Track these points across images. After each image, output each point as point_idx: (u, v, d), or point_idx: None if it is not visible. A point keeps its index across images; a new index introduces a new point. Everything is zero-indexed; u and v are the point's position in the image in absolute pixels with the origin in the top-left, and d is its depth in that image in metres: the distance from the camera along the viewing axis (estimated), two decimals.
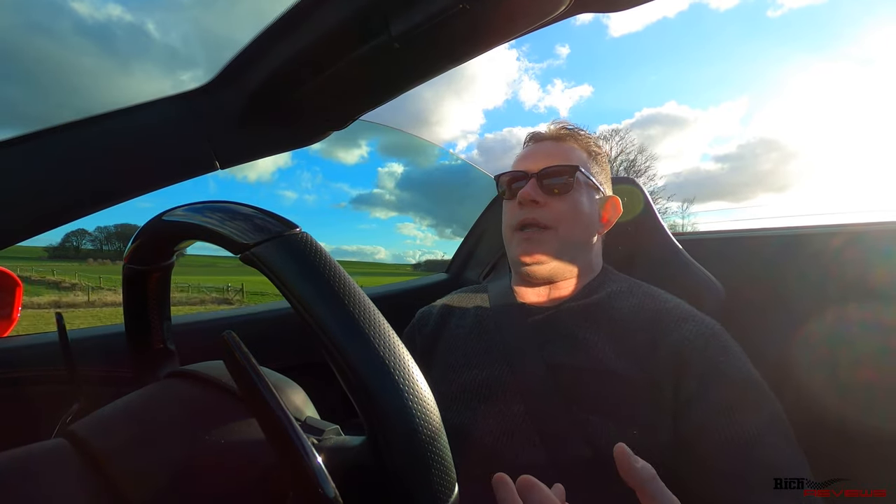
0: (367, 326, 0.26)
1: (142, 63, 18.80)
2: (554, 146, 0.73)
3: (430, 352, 0.74)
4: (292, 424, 0.25)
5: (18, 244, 0.53)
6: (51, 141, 0.54)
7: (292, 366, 0.83)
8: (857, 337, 0.76)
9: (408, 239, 19.18)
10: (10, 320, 0.74)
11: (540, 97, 14.75)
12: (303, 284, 0.27)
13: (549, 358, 0.62)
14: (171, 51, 18.30)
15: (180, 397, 0.33)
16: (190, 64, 17.18)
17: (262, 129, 0.68)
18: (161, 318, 0.41)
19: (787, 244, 0.90)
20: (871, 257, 0.80)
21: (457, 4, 0.48)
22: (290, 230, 0.29)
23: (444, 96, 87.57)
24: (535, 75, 14.99)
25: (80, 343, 0.74)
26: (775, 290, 0.86)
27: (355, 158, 17.04)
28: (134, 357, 0.42)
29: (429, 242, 19.30)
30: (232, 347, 0.25)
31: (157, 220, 0.36)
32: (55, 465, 0.27)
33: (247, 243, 0.28)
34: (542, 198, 0.68)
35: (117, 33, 18.13)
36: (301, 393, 0.37)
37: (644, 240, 0.88)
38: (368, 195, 17.04)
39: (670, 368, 0.57)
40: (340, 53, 0.56)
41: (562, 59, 16.08)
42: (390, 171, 16.37)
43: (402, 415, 0.25)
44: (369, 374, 0.25)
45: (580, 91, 16.05)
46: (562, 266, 0.69)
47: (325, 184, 16.26)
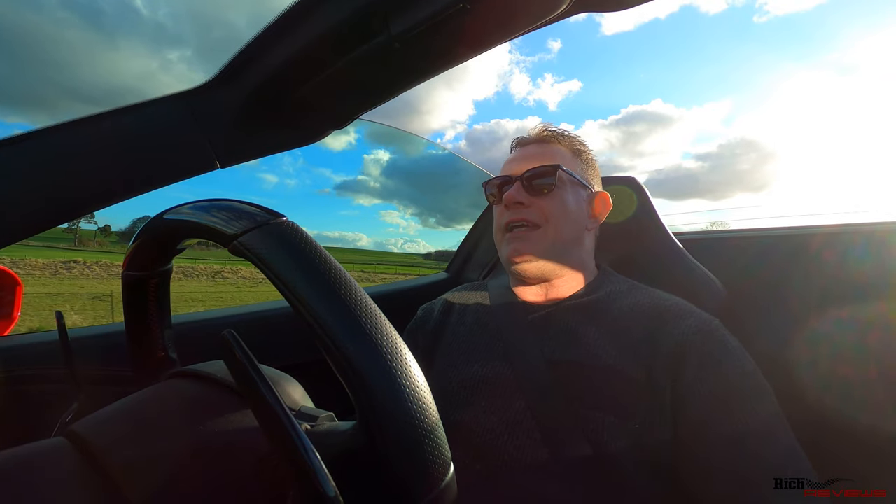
0: (355, 308, 0.26)
1: (128, 39, 18.47)
2: (538, 148, 0.74)
3: (432, 348, 0.75)
4: (293, 424, 0.25)
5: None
6: (51, 140, 0.54)
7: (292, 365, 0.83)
8: (857, 336, 0.76)
9: (390, 227, 19.41)
10: (10, 319, 0.74)
11: (530, 90, 14.66)
12: (290, 270, 0.27)
13: (548, 354, 0.62)
14: (159, 27, 18.12)
15: (180, 396, 0.33)
16: (178, 42, 16.83)
17: (262, 128, 0.68)
18: (162, 326, 0.41)
19: (787, 244, 0.90)
20: (872, 257, 0.80)
21: (457, 4, 0.48)
22: (276, 219, 0.30)
23: (436, 86, 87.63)
24: (526, 68, 14.90)
25: (80, 342, 0.74)
26: (776, 290, 0.86)
27: (343, 145, 17.17)
28: (135, 365, 0.41)
29: (412, 231, 19.33)
30: (232, 346, 0.26)
31: (153, 221, 0.36)
32: (55, 464, 0.27)
33: (234, 233, 0.29)
34: (528, 199, 0.69)
35: (104, 8, 17.68)
36: (299, 388, 0.38)
37: (645, 239, 0.88)
38: (353, 182, 17.07)
39: (669, 363, 0.57)
40: (340, 53, 0.56)
41: (553, 53, 16.18)
42: (376, 157, 16.47)
43: (391, 393, 0.25)
44: (358, 354, 0.25)
45: (570, 86, 16.09)
46: (552, 263, 0.69)
47: (308, 169, 16.21)
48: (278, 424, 0.25)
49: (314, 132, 0.74)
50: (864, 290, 0.78)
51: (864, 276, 0.79)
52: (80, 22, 20.78)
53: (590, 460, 0.54)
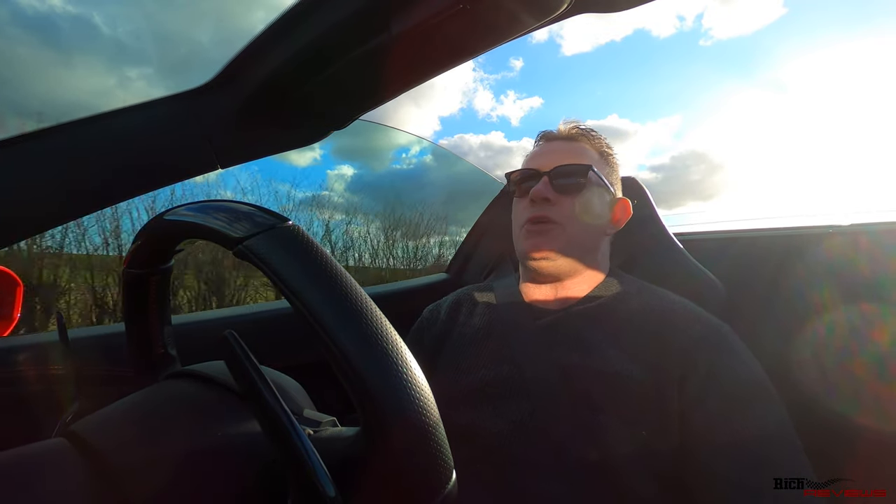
0: (359, 314, 0.26)
1: (84, 56, 16.41)
2: (566, 145, 0.72)
3: (438, 351, 0.74)
4: (293, 423, 0.25)
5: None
6: (51, 141, 0.54)
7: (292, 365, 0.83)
8: (857, 337, 0.76)
9: (357, 242, 17.79)
10: (10, 320, 0.74)
11: (493, 106, 14.26)
12: (295, 275, 0.27)
13: (556, 359, 0.61)
14: (118, 45, 16.15)
15: (180, 396, 0.33)
16: (139, 60, 15.12)
17: (261, 129, 0.68)
18: (162, 323, 0.41)
19: (788, 244, 0.90)
20: (872, 257, 0.80)
21: (457, 4, 0.48)
22: (282, 223, 0.29)
23: (402, 102, 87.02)
24: (489, 86, 14.42)
25: (79, 343, 0.74)
26: (776, 290, 0.86)
27: (308, 161, 15.98)
28: (134, 362, 0.41)
29: (375, 244, 17.74)
30: (233, 346, 0.26)
31: (156, 220, 0.36)
32: (55, 465, 0.27)
33: (239, 237, 0.29)
34: (554, 195, 0.67)
35: (60, 25, 15.61)
36: (301, 391, 0.38)
37: (645, 239, 0.88)
38: (318, 197, 15.76)
39: (677, 370, 0.56)
40: (340, 53, 0.56)
41: (516, 71, 15.78)
42: (340, 173, 15.39)
43: (395, 400, 0.25)
44: (364, 363, 0.25)
45: (531, 102, 15.54)
46: (569, 264, 0.68)
47: (266, 184, 14.80)
48: (278, 425, 0.25)
49: (314, 132, 0.74)
50: (865, 290, 0.78)
51: (864, 276, 0.79)
52: (32, 39, 16.99)
53: (596, 466, 0.54)
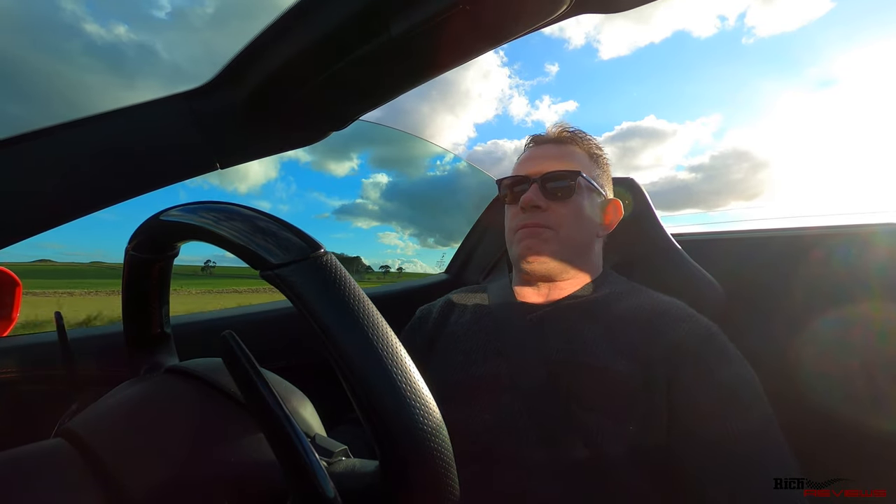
0: (389, 360, 0.26)
1: (146, 79, 17.93)
2: (556, 149, 0.73)
3: (429, 349, 0.74)
4: (292, 423, 0.25)
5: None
6: (51, 141, 0.54)
7: (292, 366, 0.83)
8: (857, 337, 0.76)
9: (388, 248, 18.59)
10: (9, 320, 0.74)
11: (528, 112, 14.47)
12: (327, 311, 0.26)
13: (546, 354, 0.62)
14: (175, 68, 17.61)
15: (179, 395, 0.33)
16: (193, 80, 16.46)
17: (262, 129, 0.68)
18: (160, 303, 0.41)
19: (787, 245, 0.90)
20: (871, 257, 0.80)
21: (457, 4, 0.48)
22: (316, 251, 0.28)
23: (438, 111, 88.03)
24: (525, 91, 14.62)
25: (79, 343, 0.74)
26: (775, 291, 0.86)
27: (346, 171, 16.39)
28: (130, 341, 0.41)
29: (409, 251, 18.56)
30: (232, 347, 0.26)
31: (166, 216, 0.34)
32: (54, 465, 0.27)
33: (273, 262, 0.27)
34: (545, 202, 0.68)
35: (126, 52, 17.13)
36: (308, 405, 0.37)
37: (644, 240, 0.88)
38: (352, 205, 16.36)
39: (665, 367, 0.57)
40: (340, 53, 0.56)
41: (551, 76, 15.98)
42: (375, 181, 15.81)
43: (417, 443, 0.25)
44: (389, 404, 0.25)
45: (566, 106, 15.73)
46: (561, 266, 0.69)
47: (301, 194, 15.33)
48: (276, 425, 0.25)
49: (315, 133, 0.74)
50: (865, 291, 0.78)
51: (864, 277, 0.79)
52: (101, 66, 20.08)
53: (585, 461, 0.54)
